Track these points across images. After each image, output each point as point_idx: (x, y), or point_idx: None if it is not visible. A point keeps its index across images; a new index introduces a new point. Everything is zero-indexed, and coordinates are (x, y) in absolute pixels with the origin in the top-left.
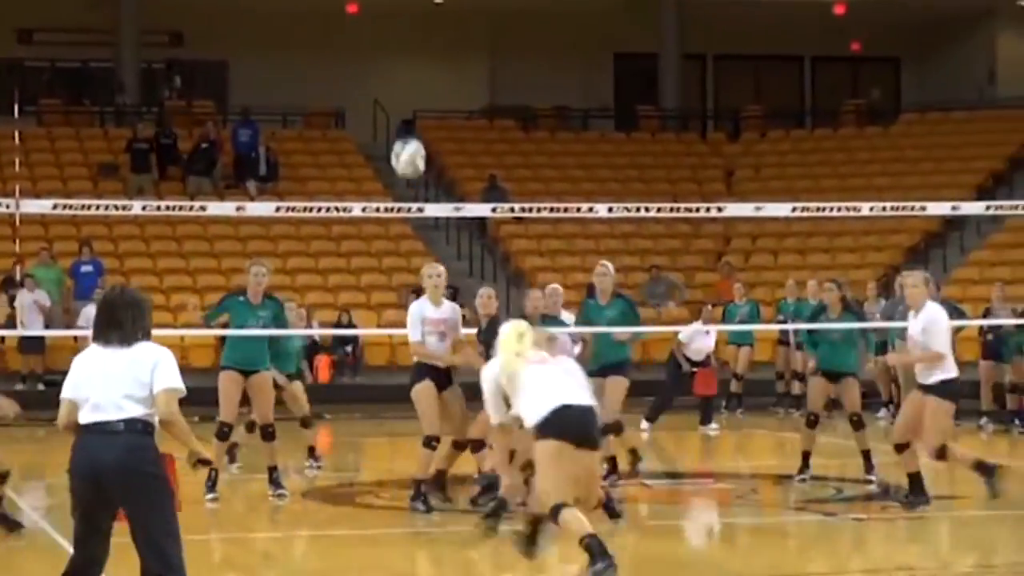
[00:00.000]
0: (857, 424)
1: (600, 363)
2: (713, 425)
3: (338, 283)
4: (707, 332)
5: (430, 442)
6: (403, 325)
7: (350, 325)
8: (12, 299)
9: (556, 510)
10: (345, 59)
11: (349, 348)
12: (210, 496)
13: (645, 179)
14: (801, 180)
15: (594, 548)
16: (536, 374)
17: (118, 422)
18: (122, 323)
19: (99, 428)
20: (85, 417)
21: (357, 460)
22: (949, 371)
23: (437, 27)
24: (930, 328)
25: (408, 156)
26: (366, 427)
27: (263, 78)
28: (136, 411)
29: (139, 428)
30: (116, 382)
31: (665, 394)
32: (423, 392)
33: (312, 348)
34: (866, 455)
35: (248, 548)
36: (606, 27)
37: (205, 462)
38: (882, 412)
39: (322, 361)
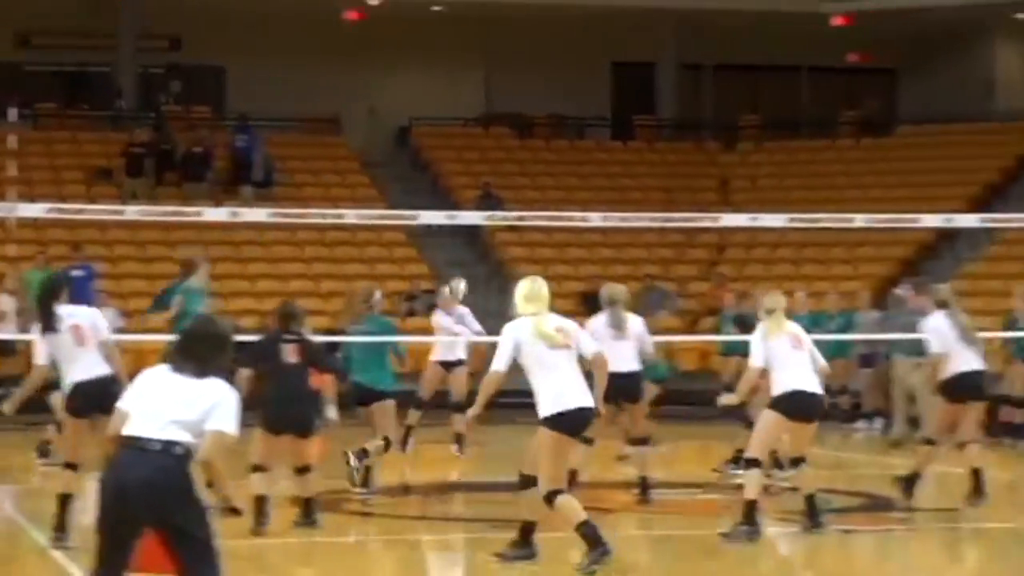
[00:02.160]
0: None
1: None
2: None
3: (331, 289)
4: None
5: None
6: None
7: (342, 332)
8: None
9: (553, 495)
10: (342, 66)
11: (340, 355)
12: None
13: (641, 188)
14: (797, 191)
15: (590, 535)
16: (557, 362)
17: (157, 441)
18: (201, 356)
19: (136, 443)
20: (128, 429)
21: (346, 467)
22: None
23: (434, 35)
24: None
25: None
26: (356, 434)
27: (261, 84)
28: (180, 436)
29: (177, 452)
30: (171, 405)
31: None
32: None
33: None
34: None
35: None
36: (603, 36)
37: (235, 511)
38: (861, 423)
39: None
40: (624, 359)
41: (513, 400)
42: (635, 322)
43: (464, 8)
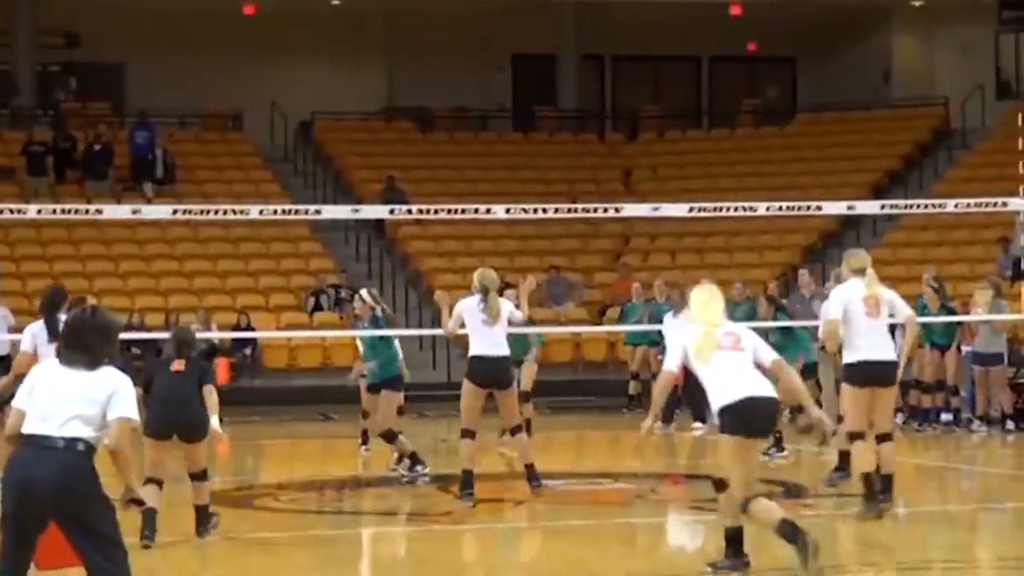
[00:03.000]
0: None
1: None
2: (698, 424)
3: (237, 285)
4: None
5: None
6: (301, 327)
7: (248, 327)
8: None
9: (747, 502)
10: (242, 61)
11: (248, 351)
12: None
13: (544, 180)
14: (699, 180)
15: (789, 533)
16: (726, 361)
17: (59, 439)
18: (90, 346)
19: (39, 442)
20: (28, 427)
21: (256, 463)
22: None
23: (334, 28)
24: None
25: None
26: (264, 429)
27: (160, 80)
28: (81, 432)
29: (79, 448)
30: (69, 400)
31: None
32: None
33: (210, 351)
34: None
35: (143, 553)
36: (504, 28)
37: (137, 502)
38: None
39: (221, 364)
40: (495, 345)
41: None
42: (506, 305)
43: (364, 2)
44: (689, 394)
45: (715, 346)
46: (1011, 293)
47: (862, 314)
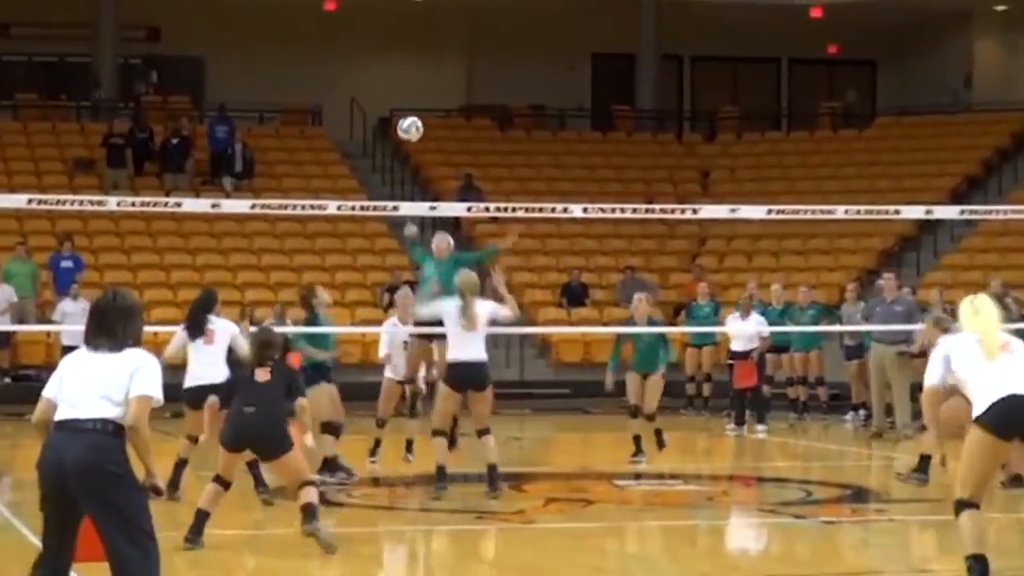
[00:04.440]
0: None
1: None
2: (761, 426)
3: (313, 280)
4: (744, 318)
5: None
6: (377, 323)
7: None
8: None
9: (961, 506)
10: (322, 56)
11: None
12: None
13: (621, 179)
14: (776, 182)
15: (976, 571)
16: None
17: (88, 420)
18: (113, 330)
19: (69, 425)
20: (59, 414)
21: None
22: None
23: (415, 25)
24: None
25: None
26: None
27: (240, 74)
28: (109, 412)
29: (108, 429)
30: (95, 384)
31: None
32: None
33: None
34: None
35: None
36: (584, 27)
37: (156, 490)
38: (849, 415)
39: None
40: (472, 348)
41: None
42: (485, 308)
43: None
44: (758, 397)
45: (999, 347)
46: None
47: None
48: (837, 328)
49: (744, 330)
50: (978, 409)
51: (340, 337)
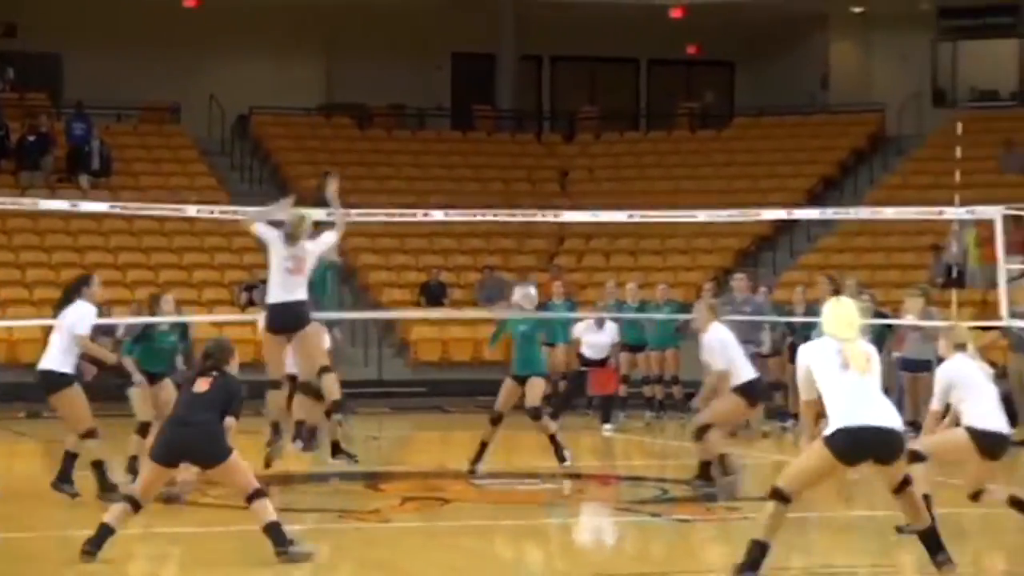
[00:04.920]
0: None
1: None
2: (608, 425)
3: (170, 279)
4: (599, 328)
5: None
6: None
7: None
8: None
9: (777, 494)
10: (181, 53)
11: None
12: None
13: (480, 179)
14: (635, 182)
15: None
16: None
17: None
18: None
19: None
20: None
21: None
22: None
23: (274, 23)
24: None
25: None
26: None
27: (98, 71)
28: None
29: None
30: None
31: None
32: None
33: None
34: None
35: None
36: (444, 26)
37: None
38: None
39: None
40: (292, 291)
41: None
42: (314, 247)
43: None
44: (605, 396)
45: (862, 360)
46: (941, 300)
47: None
48: (684, 316)
49: (599, 341)
50: (830, 426)
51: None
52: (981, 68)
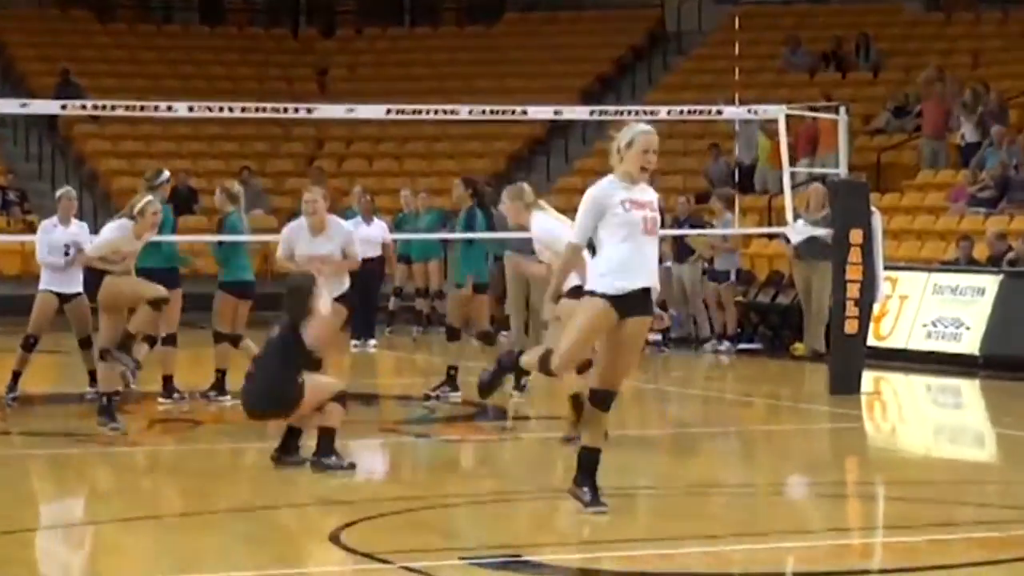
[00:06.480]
0: None
1: None
2: (372, 341)
3: None
4: (367, 224)
5: None
6: None
7: None
8: None
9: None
10: None
11: None
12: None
13: (233, 77)
14: (399, 81)
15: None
16: None
17: None
18: None
19: None
20: None
21: None
22: None
23: None
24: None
25: None
26: None
27: None
28: None
29: None
30: None
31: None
32: None
33: None
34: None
35: None
36: None
37: None
38: None
39: None
40: None
41: None
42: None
43: None
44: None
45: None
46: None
47: None
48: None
49: (370, 235)
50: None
51: None
52: None
